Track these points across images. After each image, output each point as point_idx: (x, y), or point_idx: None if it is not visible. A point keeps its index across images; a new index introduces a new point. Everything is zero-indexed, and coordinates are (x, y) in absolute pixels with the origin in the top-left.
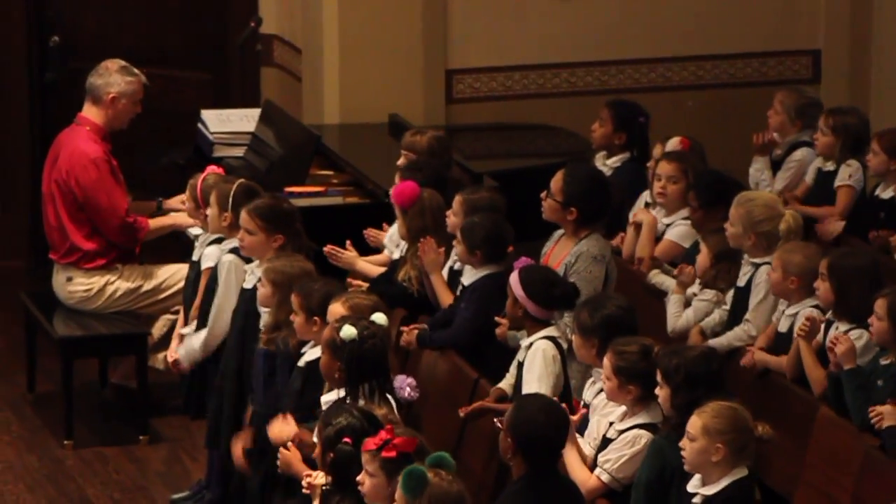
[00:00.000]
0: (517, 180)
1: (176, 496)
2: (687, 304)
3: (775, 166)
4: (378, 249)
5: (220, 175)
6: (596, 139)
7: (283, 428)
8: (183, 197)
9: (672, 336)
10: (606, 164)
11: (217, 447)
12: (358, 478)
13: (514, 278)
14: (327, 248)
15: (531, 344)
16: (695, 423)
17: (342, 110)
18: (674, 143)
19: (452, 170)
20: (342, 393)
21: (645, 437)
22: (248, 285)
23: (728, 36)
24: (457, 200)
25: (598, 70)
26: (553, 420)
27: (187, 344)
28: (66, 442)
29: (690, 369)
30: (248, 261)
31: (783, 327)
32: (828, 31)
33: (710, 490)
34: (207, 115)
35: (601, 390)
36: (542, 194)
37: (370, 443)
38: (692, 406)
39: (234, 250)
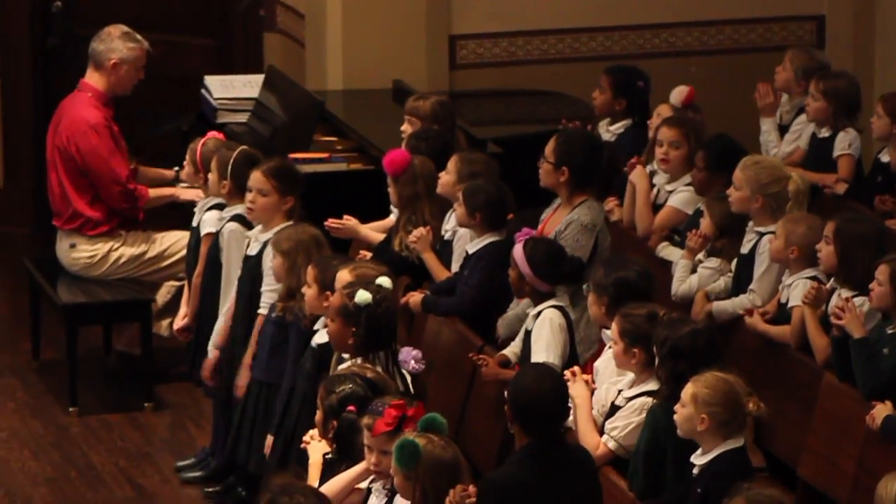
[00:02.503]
0: (521, 146)
1: (181, 463)
2: (693, 270)
3: (783, 129)
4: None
5: (221, 140)
6: (597, 107)
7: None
8: None
9: (675, 300)
10: (610, 130)
11: (226, 417)
12: (372, 461)
13: (518, 254)
14: (327, 223)
15: (539, 313)
16: (687, 390)
17: (346, 76)
18: (680, 90)
19: (456, 136)
20: (358, 361)
21: (651, 404)
22: (251, 252)
23: (732, 1)
24: (452, 160)
25: (602, 35)
26: (547, 389)
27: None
28: (70, 409)
29: (675, 343)
30: (249, 227)
31: (783, 297)
32: None
33: (703, 459)
34: (211, 80)
35: (609, 347)
36: (539, 161)
37: (382, 424)
38: (675, 378)
39: (235, 217)
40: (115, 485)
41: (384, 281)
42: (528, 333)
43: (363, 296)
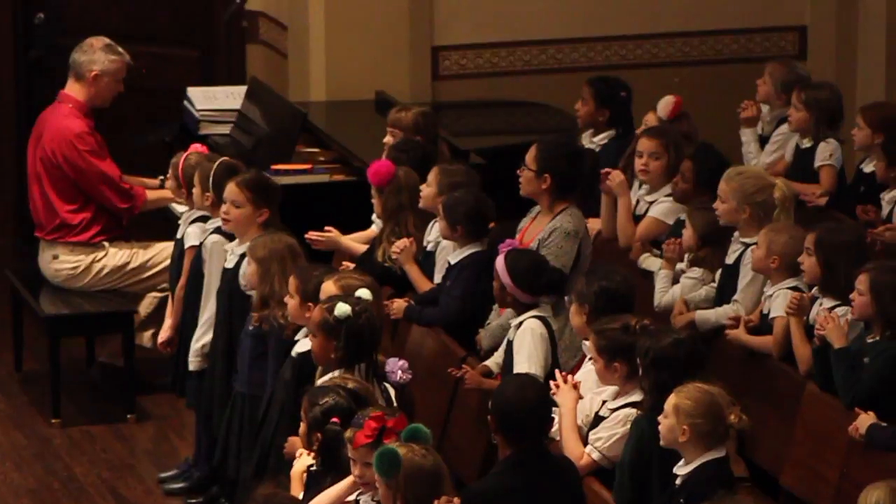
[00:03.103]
0: (504, 157)
1: (164, 474)
2: (675, 281)
3: (763, 140)
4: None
5: (203, 153)
6: (580, 117)
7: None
8: None
9: (658, 311)
10: (594, 141)
11: (208, 428)
12: (356, 473)
13: (500, 265)
14: (308, 235)
15: (520, 324)
16: (669, 401)
17: (328, 87)
18: (667, 102)
19: (439, 147)
20: (338, 374)
21: (634, 416)
22: (229, 265)
23: (715, 12)
24: (433, 172)
25: (585, 46)
26: (531, 398)
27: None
28: (53, 420)
29: (658, 354)
30: (232, 239)
31: (765, 308)
32: (814, 7)
33: (685, 469)
34: (193, 92)
35: (589, 359)
36: (519, 170)
37: (362, 437)
38: (659, 388)
39: (218, 230)
40: (98, 496)
41: (363, 293)
42: (510, 344)
43: (342, 309)
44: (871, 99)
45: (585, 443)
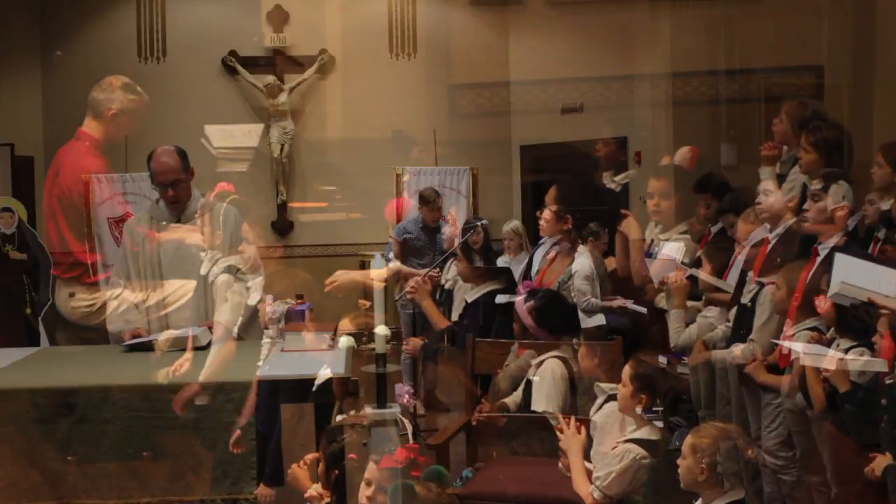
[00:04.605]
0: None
1: None
2: (692, 320)
3: (781, 179)
4: None
5: (230, 191)
6: (602, 158)
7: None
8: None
9: (675, 351)
10: (615, 180)
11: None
12: (367, 494)
13: (521, 307)
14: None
15: (541, 363)
16: (687, 441)
17: (345, 125)
18: (683, 153)
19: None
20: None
21: (633, 451)
22: (251, 302)
23: (733, 52)
24: (452, 213)
25: (601, 85)
26: None
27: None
28: (69, 458)
29: (678, 394)
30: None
31: (785, 348)
32: (831, 47)
33: None
34: (210, 129)
35: (603, 405)
36: (538, 211)
37: (390, 460)
38: (679, 429)
39: (228, 269)
40: None
41: (380, 329)
42: (528, 382)
43: (346, 342)
44: (887, 137)
45: None
